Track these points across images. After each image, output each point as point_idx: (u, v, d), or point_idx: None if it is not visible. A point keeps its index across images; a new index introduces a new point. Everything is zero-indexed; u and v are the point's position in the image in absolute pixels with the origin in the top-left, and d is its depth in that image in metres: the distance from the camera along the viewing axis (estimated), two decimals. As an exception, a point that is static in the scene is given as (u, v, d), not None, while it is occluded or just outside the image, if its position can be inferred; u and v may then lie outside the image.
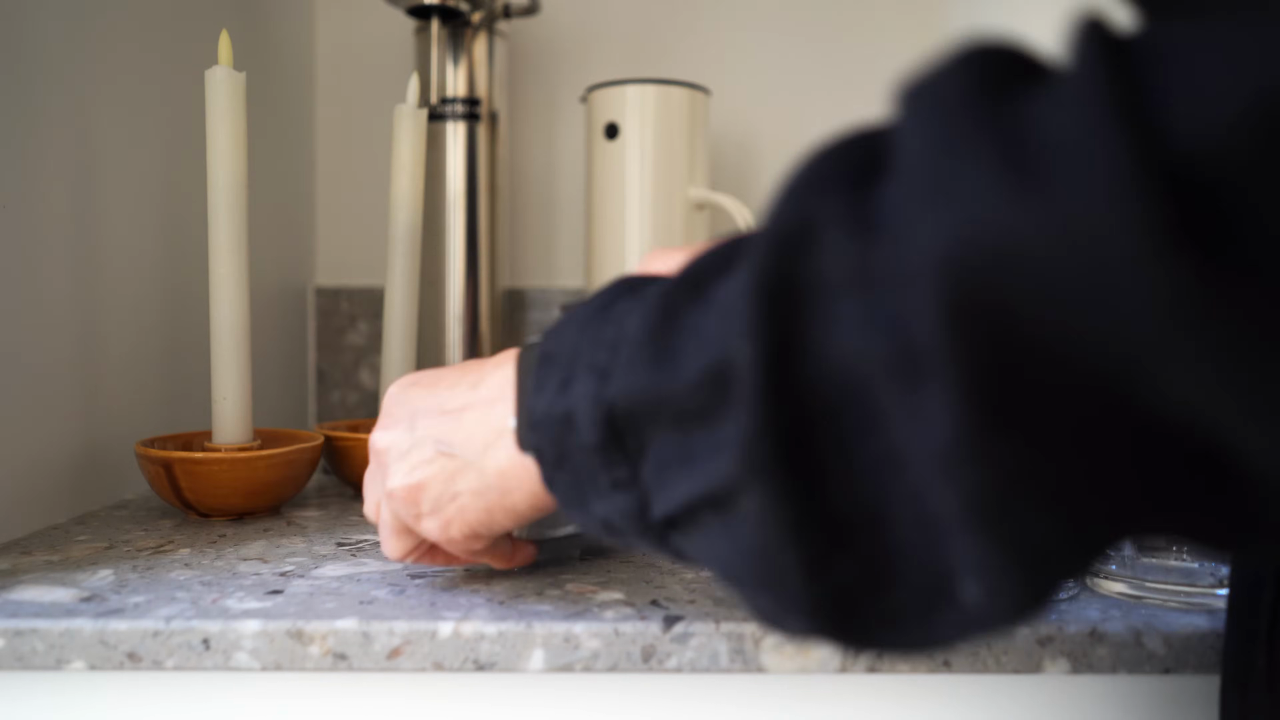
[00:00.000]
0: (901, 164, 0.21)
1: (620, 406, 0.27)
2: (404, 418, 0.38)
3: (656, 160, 0.82)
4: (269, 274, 0.86)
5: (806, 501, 0.22)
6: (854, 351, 0.21)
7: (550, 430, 0.30)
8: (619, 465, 0.28)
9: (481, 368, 0.37)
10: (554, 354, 0.31)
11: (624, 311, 0.29)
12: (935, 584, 0.22)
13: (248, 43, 0.81)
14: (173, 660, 0.38)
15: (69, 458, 0.58)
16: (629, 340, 0.27)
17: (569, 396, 0.29)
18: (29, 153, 0.54)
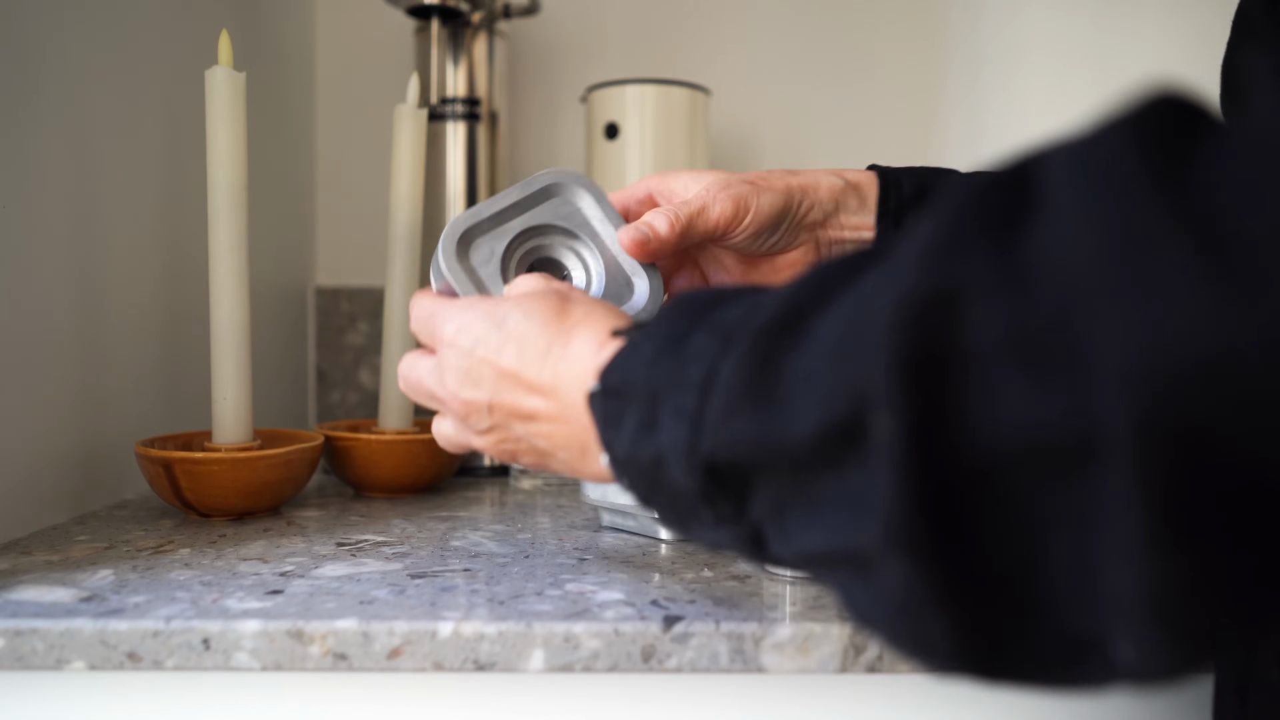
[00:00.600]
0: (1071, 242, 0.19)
1: (722, 455, 0.26)
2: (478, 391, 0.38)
3: (656, 160, 0.82)
4: (269, 274, 0.86)
5: (954, 571, 0.22)
6: (1016, 421, 0.20)
7: (637, 471, 0.30)
8: (721, 504, 0.28)
9: (546, 356, 0.36)
10: (623, 390, 0.31)
11: (703, 348, 0.28)
12: (1085, 641, 0.22)
13: (248, 43, 0.81)
14: (173, 660, 0.38)
15: (69, 458, 0.58)
16: (724, 384, 0.26)
17: (654, 441, 0.29)
18: (29, 153, 0.54)
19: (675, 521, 0.31)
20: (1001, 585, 0.22)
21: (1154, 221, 0.18)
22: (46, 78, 0.56)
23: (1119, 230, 0.18)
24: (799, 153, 1.00)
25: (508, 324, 0.37)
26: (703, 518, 0.29)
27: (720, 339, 0.28)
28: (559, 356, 0.35)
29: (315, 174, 0.99)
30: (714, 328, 0.28)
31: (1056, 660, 0.22)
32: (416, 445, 0.64)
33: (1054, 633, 0.22)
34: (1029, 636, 0.22)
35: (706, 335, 0.28)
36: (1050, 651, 0.22)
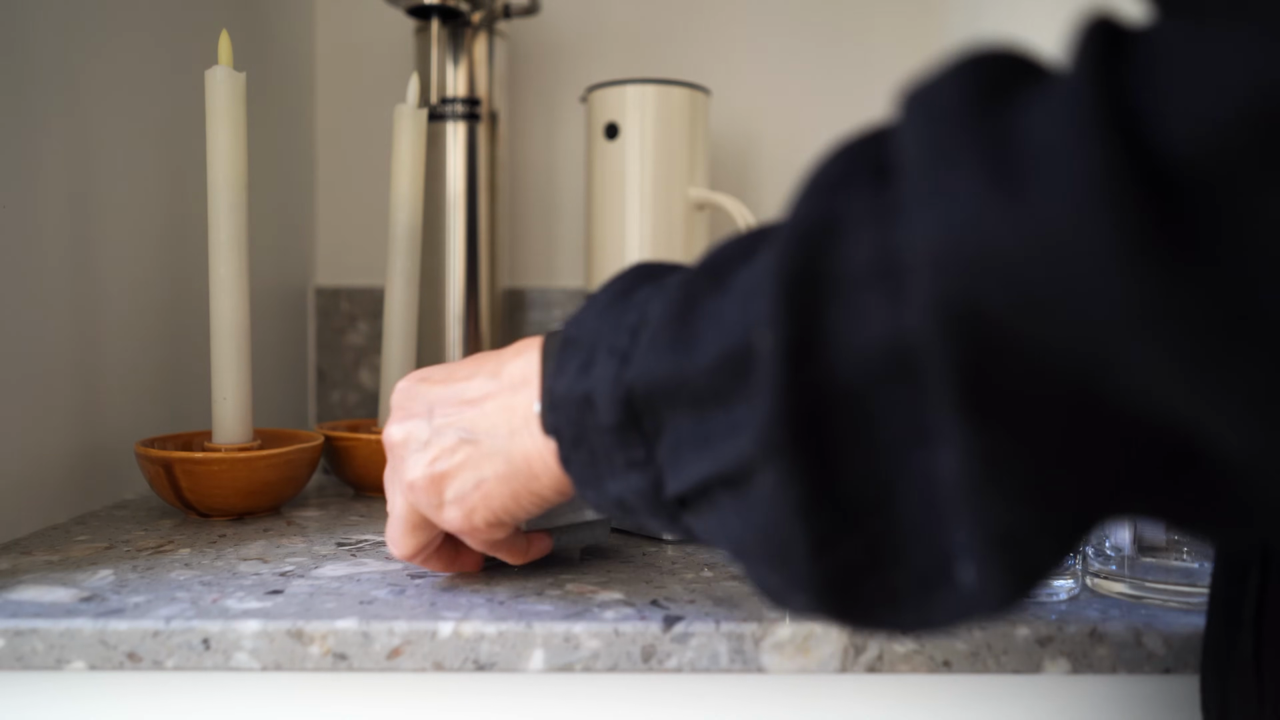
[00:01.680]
0: (902, 167, 0.22)
1: (639, 388, 0.28)
2: (420, 410, 0.38)
3: (656, 160, 0.82)
4: (269, 274, 0.86)
5: (818, 481, 0.23)
6: (872, 341, 0.22)
7: (570, 411, 0.31)
8: (635, 445, 0.29)
9: (500, 357, 0.38)
10: (576, 338, 0.32)
11: (645, 298, 0.30)
12: (935, 564, 0.23)
13: (248, 43, 0.81)
14: (173, 660, 0.38)
15: (69, 458, 0.58)
16: (650, 325, 0.28)
17: (589, 378, 0.30)
18: (29, 153, 0.54)
19: (590, 479, 0.32)
20: (861, 509, 0.23)
21: (957, 137, 0.20)
22: (46, 77, 0.56)
23: (931, 149, 0.21)
24: (799, 153, 1.00)
25: (467, 357, 0.41)
26: (615, 464, 0.30)
27: (660, 289, 0.30)
28: (521, 347, 0.37)
29: (315, 174, 0.99)
30: (657, 281, 0.31)
31: (912, 592, 0.24)
32: (416, 445, 0.64)
33: (907, 561, 0.23)
34: (884, 568, 0.24)
35: (649, 287, 0.31)
36: (904, 582, 0.24)
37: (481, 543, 0.40)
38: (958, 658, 0.39)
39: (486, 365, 0.38)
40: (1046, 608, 0.41)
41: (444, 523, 0.38)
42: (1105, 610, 0.41)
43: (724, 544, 0.28)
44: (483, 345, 0.87)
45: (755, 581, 0.27)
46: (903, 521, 0.23)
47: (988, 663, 0.39)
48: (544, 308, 1.00)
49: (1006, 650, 0.39)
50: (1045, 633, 0.39)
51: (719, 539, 0.28)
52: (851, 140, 0.25)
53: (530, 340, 0.37)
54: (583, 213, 0.99)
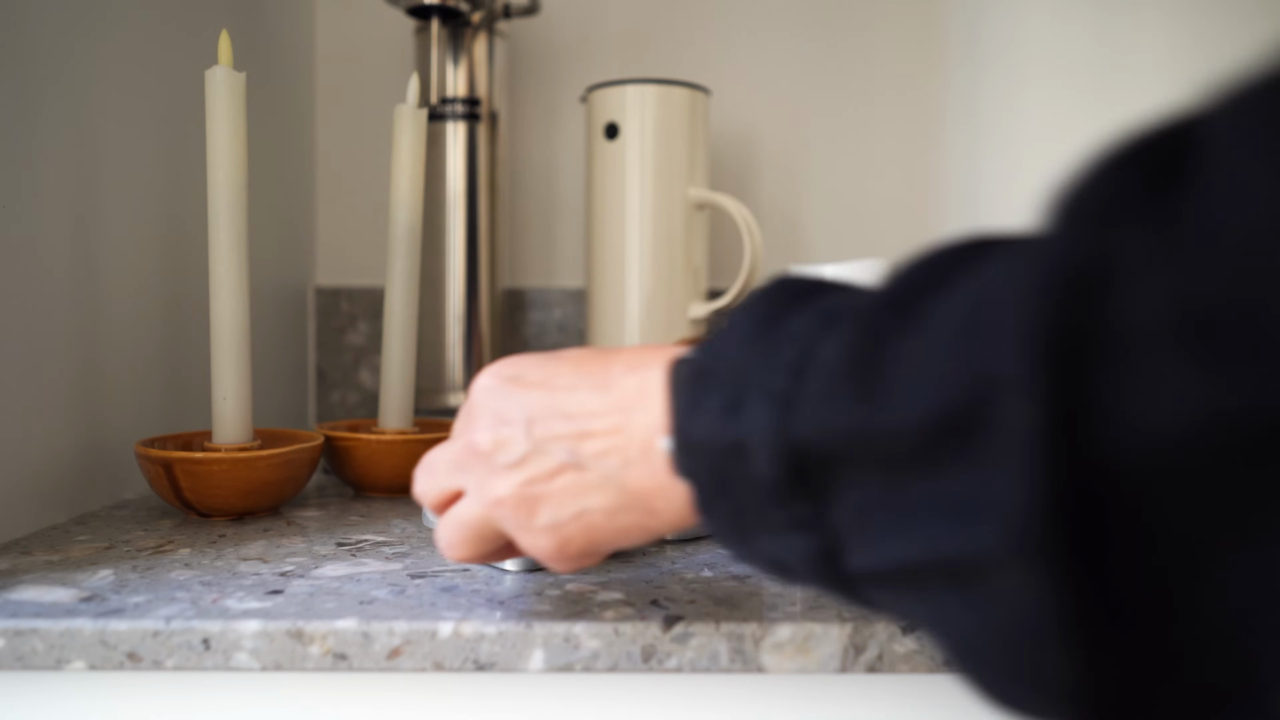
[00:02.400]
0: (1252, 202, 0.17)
1: (812, 443, 0.24)
2: (516, 417, 0.34)
3: (656, 160, 0.82)
4: (269, 274, 0.86)
5: (1088, 588, 0.19)
6: (1179, 414, 0.18)
7: (712, 458, 0.27)
8: (799, 504, 0.25)
9: (606, 366, 0.33)
10: (713, 370, 0.28)
11: (804, 330, 0.26)
12: (1232, 690, 0.19)
13: (248, 43, 0.81)
14: (173, 660, 0.38)
15: (69, 458, 0.58)
16: (822, 367, 0.24)
17: (739, 423, 0.26)
18: (29, 153, 0.54)
19: (735, 531, 0.28)
20: (1146, 613, 0.19)
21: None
22: (46, 78, 0.56)
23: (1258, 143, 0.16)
24: (799, 153, 1.00)
25: (560, 354, 0.35)
26: (772, 521, 0.26)
27: (820, 320, 0.25)
28: (633, 354, 0.33)
29: (315, 174, 0.99)
30: (814, 311, 0.26)
31: (1206, 705, 0.19)
32: (416, 445, 0.64)
33: (1196, 679, 0.19)
34: (1166, 681, 0.19)
35: (806, 318, 0.26)
36: (1186, 703, 0.19)
37: (565, 568, 0.35)
38: (958, 658, 0.39)
39: (591, 373, 0.33)
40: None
41: (528, 547, 0.35)
42: (1105, 610, 0.41)
43: (939, 638, 0.23)
44: (482, 345, 0.87)
45: (984, 685, 0.22)
46: (1206, 629, 0.19)
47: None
48: (544, 308, 1.00)
49: (1006, 650, 0.39)
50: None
51: (930, 629, 0.23)
52: (1115, 152, 0.20)
53: (646, 352, 0.33)
54: (583, 213, 0.99)
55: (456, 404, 0.86)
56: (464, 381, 0.86)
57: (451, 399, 0.86)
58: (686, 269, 0.83)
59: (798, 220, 1.00)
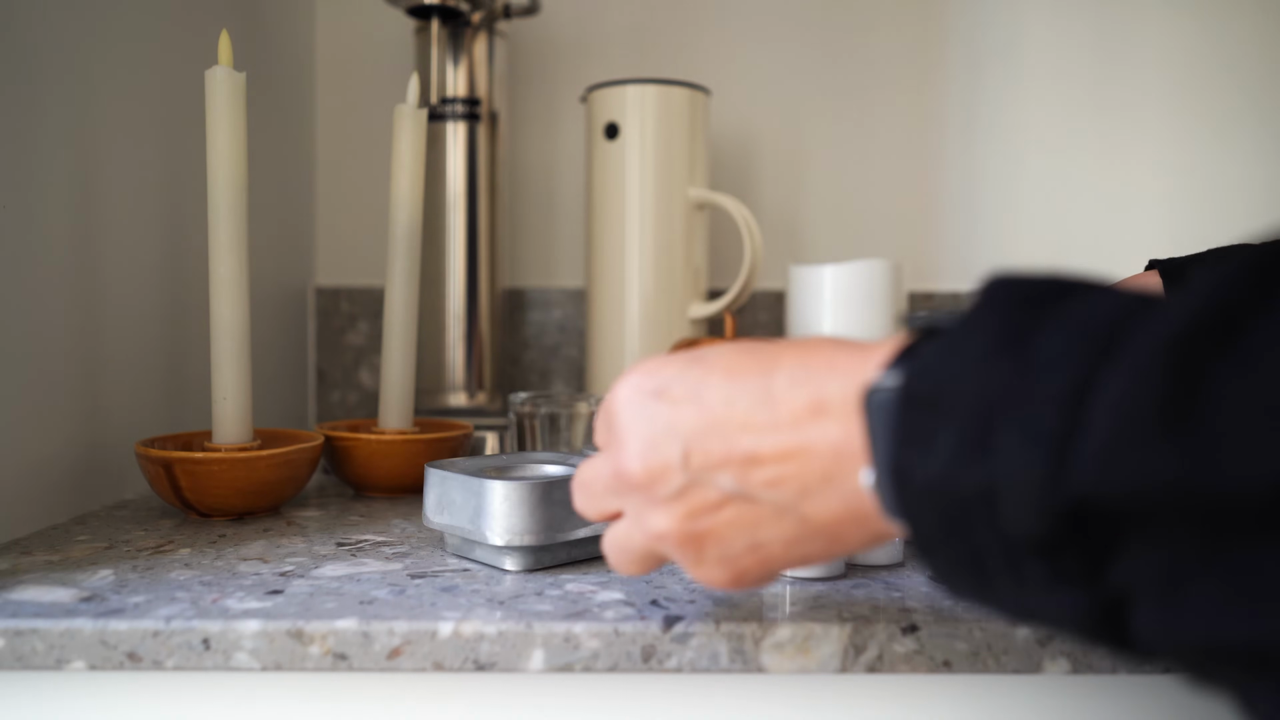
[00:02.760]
0: None
1: (1102, 496, 0.20)
2: (670, 446, 0.30)
3: (656, 160, 0.82)
4: (269, 274, 0.86)
5: None
6: None
7: (943, 505, 0.23)
8: (1068, 558, 0.22)
9: (765, 377, 0.29)
10: (934, 398, 0.23)
11: (1064, 352, 0.21)
12: None
13: (248, 43, 0.81)
14: (173, 660, 0.38)
15: (69, 458, 0.58)
16: (1114, 405, 0.20)
17: (988, 467, 0.22)
18: (29, 153, 0.54)
19: (970, 578, 0.24)
20: None
21: None
22: (46, 78, 0.56)
23: None
24: (799, 153, 1.00)
25: (706, 358, 0.31)
26: (1029, 577, 0.22)
27: (1088, 343, 0.21)
28: (797, 363, 0.28)
29: (315, 174, 0.99)
30: (1071, 329, 0.22)
31: None
32: (416, 445, 0.64)
33: None
34: None
35: (1062, 337, 0.22)
36: None
37: (739, 590, 0.33)
38: (958, 658, 0.39)
39: (749, 385, 0.29)
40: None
41: (700, 579, 0.32)
42: (1105, 610, 0.41)
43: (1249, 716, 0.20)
44: (483, 345, 0.87)
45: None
46: None
47: (988, 663, 0.39)
48: (544, 308, 1.00)
49: (1006, 650, 0.39)
50: (1045, 632, 0.39)
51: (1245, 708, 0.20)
52: None
53: (809, 358, 0.28)
54: (583, 213, 0.99)
55: (456, 404, 0.86)
56: (464, 381, 0.86)
57: (451, 399, 0.86)
58: (686, 269, 0.83)
59: (798, 220, 1.00)
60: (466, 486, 0.47)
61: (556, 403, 0.69)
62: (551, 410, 0.69)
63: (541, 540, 0.45)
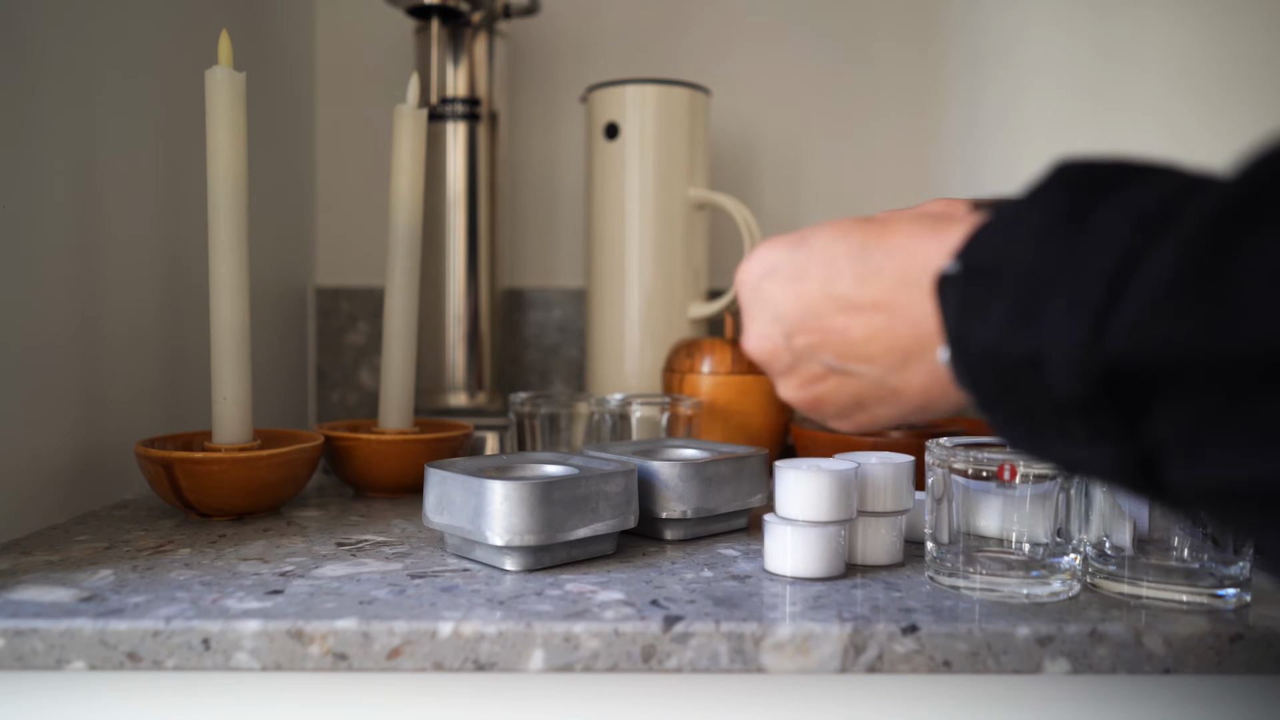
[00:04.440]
0: None
1: (1135, 359, 0.22)
2: (771, 327, 0.35)
3: (656, 160, 0.82)
4: (269, 274, 0.86)
5: None
6: None
7: (996, 370, 0.26)
8: (1106, 418, 0.24)
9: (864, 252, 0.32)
10: (995, 270, 0.26)
11: (1117, 232, 0.23)
12: None
13: (248, 43, 0.81)
14: (173, 660, 0.38)
15: (69, 458, 0.58)
16: (1152, 278, 0.22)
17: (1036, 336, 0.24)
18: (29, 153, 0.54)
19: (1024, 433, 0.26)
20: None
21: None
22: (46, 78, 0.56)
23: None
24: (799, 153, 1.00)
25: (808, 242, 0.34)
26: (1072, 432, 0.24)
27: (1139, 222, 0.23)
28: (882, 249, 0.31)
29: (315, 174, 0.99)
30: (1126, 209, 0.23)
31: None
32: (416, 445, 0.64)
33: None
34: None
35: (1119, 217, 0.23)
36: None
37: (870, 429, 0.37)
38: (958, 658, 0.39)
39: (842, 269, 0.32)
40: (1046, 608, 0.41)
41: (835, 428, 0.37)
42: (1105, 610, 0.41)
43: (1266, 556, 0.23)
44: (483, 345, 0.87)
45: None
46: None
47: (988, 663, 0.39)
48: (544, 308, 1.00)
49: (1006, 650, 0.39)
50: (1045, 633, 0.39)
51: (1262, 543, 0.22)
52: None
53: (903, 231, 0.31)
54: (583, 213, 0.99)
55: (456, 404, 0.86)
56: (464, 381, 0.86)
57: (451, 399, 0.86)
58: (686, 269, 0.83)
59: (798, 220, 1.00)
60: (466, 486, 0.47)
61: (556, 403, 0.69)
62: (551, 410, 0.69)
63: (541, 540, 0.45)
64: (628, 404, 0.70)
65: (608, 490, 0.48)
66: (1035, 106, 0.99)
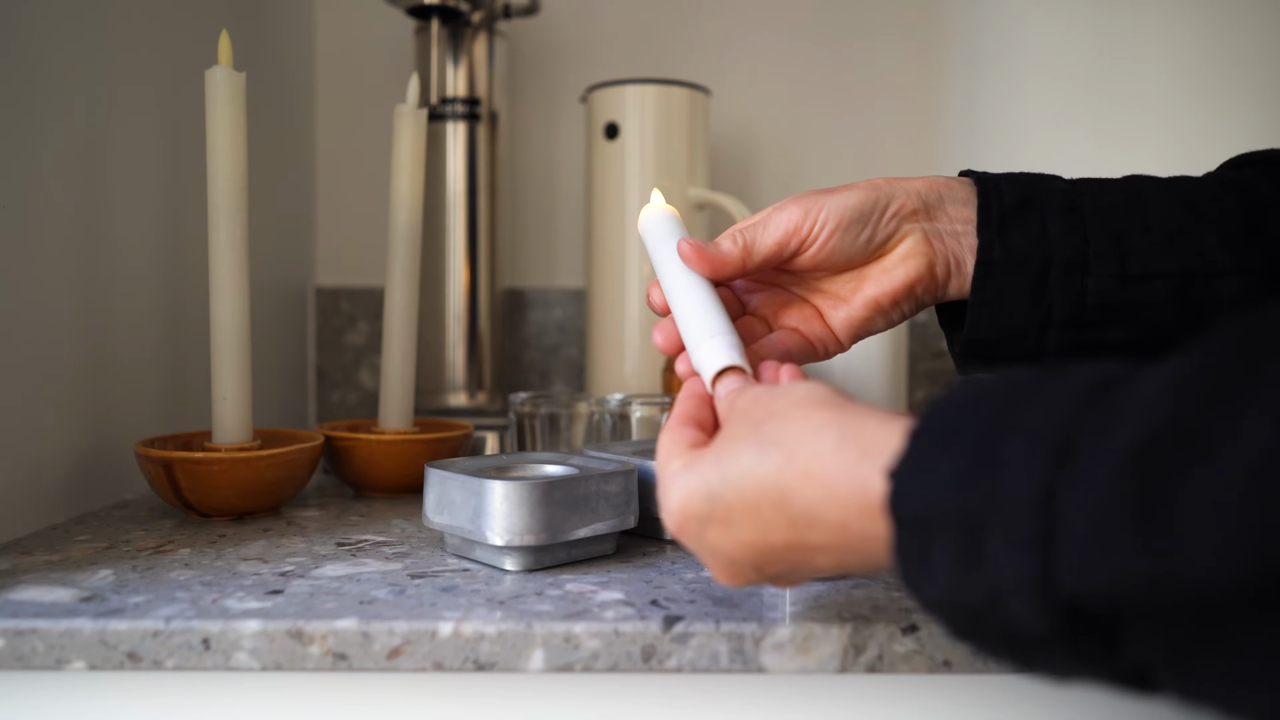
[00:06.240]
0: None
1: (1094, 599, 0.22)
2: (744, 569, 0.34)
3: (656, 160, 0.82)
4: (269, 274, 0.86)
5: None
6: None
7: (961, 614, 0.26)
8: (1085, 642, 0.23)
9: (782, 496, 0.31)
10: (927, 520, 0.25)
11: (1021, 458, 0.23)
12: None
13: (248, 43, 0.81)
14: (173, 660, 0.38)
15: (69, 458, 0.58)
16: (1085, 512, 0.22)
17: (987, 577, 0.24)
18: (30, 153, 0.54)
19: (1008, 657, 0.26)
20: None
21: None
22: (46, 78, 0.56)
23: None
24: (799, 153, 1.00)
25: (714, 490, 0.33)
26: (1054, 656, 0.24)
27: (1047, 448, 0.23)
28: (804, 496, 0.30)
29: (315, 174, 0.99)
30: (1029, 432, 0.24)
31: None
32: (416, 445, 0.64)
33: None
34: None
35: (1022, 442, 0.23)
36: None
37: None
38: (958, 658, 0.39)
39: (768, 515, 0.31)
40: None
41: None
42: (1105, 610, 0.41)
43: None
44: (483, 345, 0.87)
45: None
46: None
47: (988, 663, 0.39)
48: (544, 308, 1.00)
49: (1006, 650, 0.39)
50: (1045, 633, 0.39)
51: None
52: None
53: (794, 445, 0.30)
54: (583, 213, 0.99)
55: (456, 404, 0.86)
56: (464, 381, 0.86)
57: (451, 399, 0.86)
58: (686, 269, 0.83)
59: (798, 220, 1.00)
60: (466, 486, 0.47)
61: (556, 403, 0.69)
62: (551, 410, 0.69)
63: (541, 540, 0.45)
64: (628, 404, 0.70)
65: (608, 490, 0.48)
66: (1035, 106, 0.99)
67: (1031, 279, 0.42)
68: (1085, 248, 0.42)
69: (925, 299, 0.44)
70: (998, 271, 0.42)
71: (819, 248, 0.43)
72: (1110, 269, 0.42)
